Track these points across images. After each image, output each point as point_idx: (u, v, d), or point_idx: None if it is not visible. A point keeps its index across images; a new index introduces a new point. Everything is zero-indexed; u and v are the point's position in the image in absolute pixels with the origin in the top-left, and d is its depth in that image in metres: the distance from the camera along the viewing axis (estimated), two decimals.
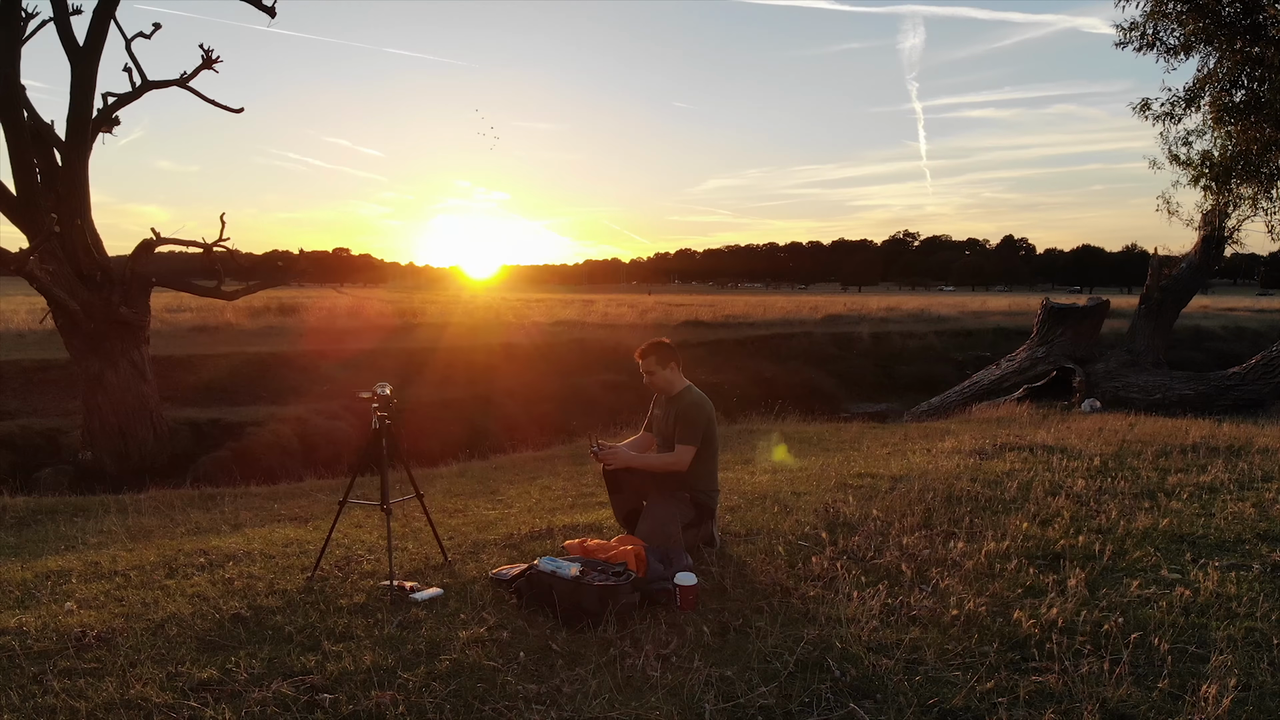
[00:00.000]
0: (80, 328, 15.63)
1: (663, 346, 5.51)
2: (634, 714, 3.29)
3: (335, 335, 26.63)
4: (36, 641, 4.09)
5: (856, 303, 54.96)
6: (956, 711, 3.24)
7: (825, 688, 3.47)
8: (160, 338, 24.88)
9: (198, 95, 18.28)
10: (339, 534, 6.11)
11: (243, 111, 19.59)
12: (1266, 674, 3.47)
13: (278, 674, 3.68)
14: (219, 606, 4.54)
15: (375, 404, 5.02)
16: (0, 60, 14.39)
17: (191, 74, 18.21)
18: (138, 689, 3.53)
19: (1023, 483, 7.05)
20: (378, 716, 3.31)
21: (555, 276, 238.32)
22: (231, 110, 19.25)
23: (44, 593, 4.94)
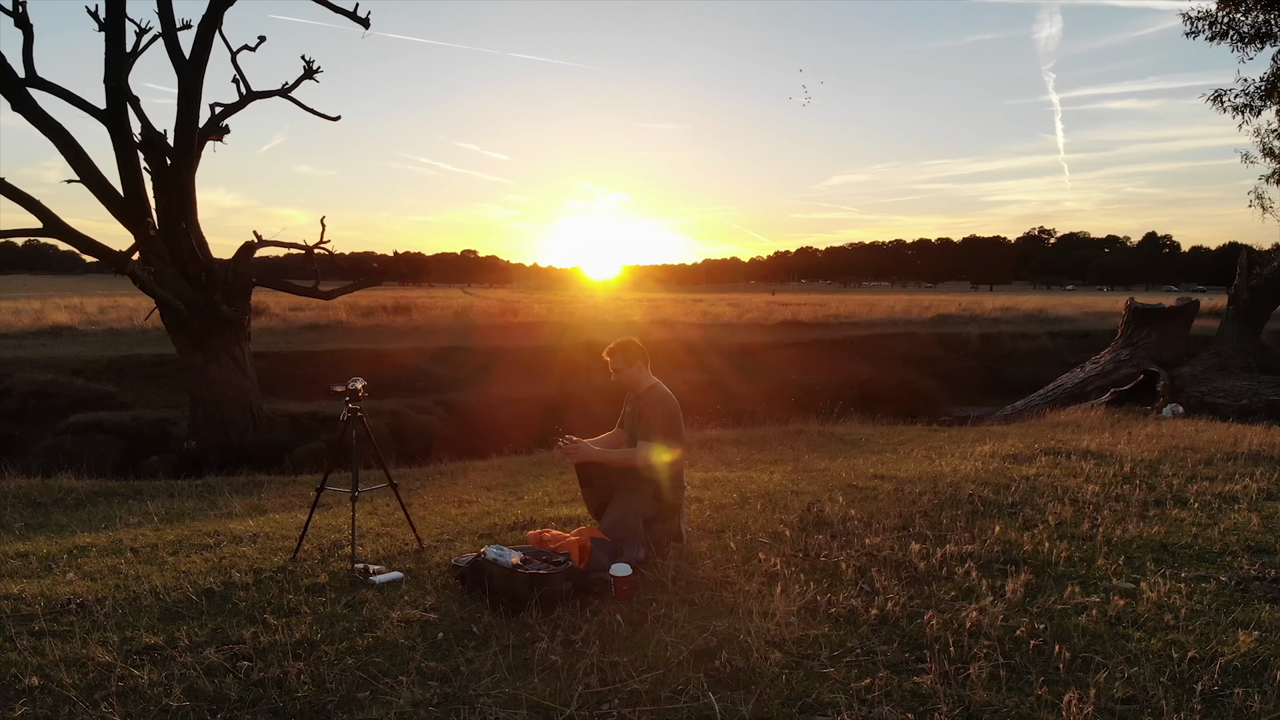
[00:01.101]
0: (185, 325, 16.69)
1: (629, 345, 5.64)
2: (512, 692, 3.46)
3: (436, 333, 27.55)
4: (28, 606, 4.55)
5: (973, 302, 53.40)
6: (819, 705, 3.29)
7: (702, 676, 3.57)
8: (275, 334, 26.35)
9: (298, 105, 19.30)
10: (339, 520, 6.47)
11: (340, 119, 20.51)
12: (1160, 688, 3.38)
13: (214, 643, 4.01)
14: (196, 581, 4.93)
15: (346, 397, 5.31)
16: (106, 73, 15.51)
17: (293, 84, 19.22)
18: (89, 650, 3.91)
19: (1033, 487, 6.89)
20: (281, 684, 3.58)
21: (674, 276, 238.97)
22: (329, 118, 20.20)
23: (59, 565, 5.45)
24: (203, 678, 3.62)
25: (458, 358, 23.88)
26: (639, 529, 5.26)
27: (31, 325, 26.53)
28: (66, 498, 8.39)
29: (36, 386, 18.73)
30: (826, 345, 30.49)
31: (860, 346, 30.98)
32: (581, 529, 5.36)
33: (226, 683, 3.59)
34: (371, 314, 32.53)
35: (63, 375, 19.42)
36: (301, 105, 19.35)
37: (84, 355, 21.22)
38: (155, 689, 3.53)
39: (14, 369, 19.41)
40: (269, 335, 25.92)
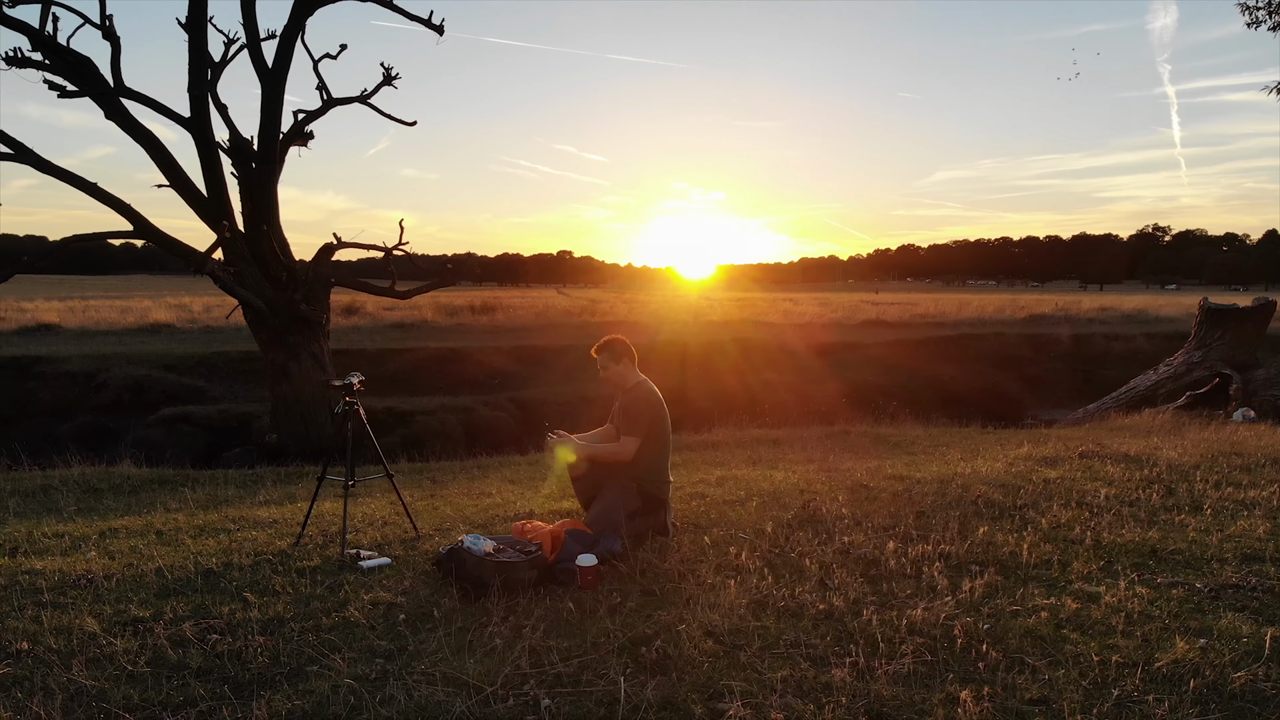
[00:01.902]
0: (266, 323, 17.45)
1: (615, 343, 5.78)
2: (446, 671, 3.65)
3: (515, 332, 28.10)
4: (44, 580, 4.95)
5: (1071, 302, 51.66)
6: (725, 692, 3.39)
7: (626, 661, 3.69)
8: (362, 333, 27.26)
9: (377, 110, 19.94)
10: (353, 508, 6.77)
11: (416, 124, 21.08)
12: (1075, 691, 3.36)
13: (194, 617, 4.31)
14: (200, 562, 5.28)
15: (343, 392, 5.59)
16: (190, 83, 16.33)
17: (372, 91, 19.88)
18: (80, 620, 4.26)
19: (1048, 490, 6.78)
20: (240, 656, 3.86)
21: (770, 275, 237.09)
22: (405, 123, 20.80)
23: (87, 544, 5.87)
24: (171, 648, 3.92)
25: (532, 356, 24.33)
26: (621, 522, 5.40)
27: (134, 323, 28.08)
28: (123, 484, 8.96)
29: (132, 381, 19.83)
30: (909, 345, 29.98)
31: (944, 347, 30.37)
32: (564, 521, 5.53)
33: (191, 653, 3.88)
34: (456, 313, 33.36)
35: (156, 370, 20.52)
36: (379, 111, 19.99)
37: (177, 352, 22.36)
38: (126, 656, 3.83)
39: (112, 364, 20.59)
40: (356, 334, 26.89)
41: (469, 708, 3.31)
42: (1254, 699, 3.25)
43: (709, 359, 26.25)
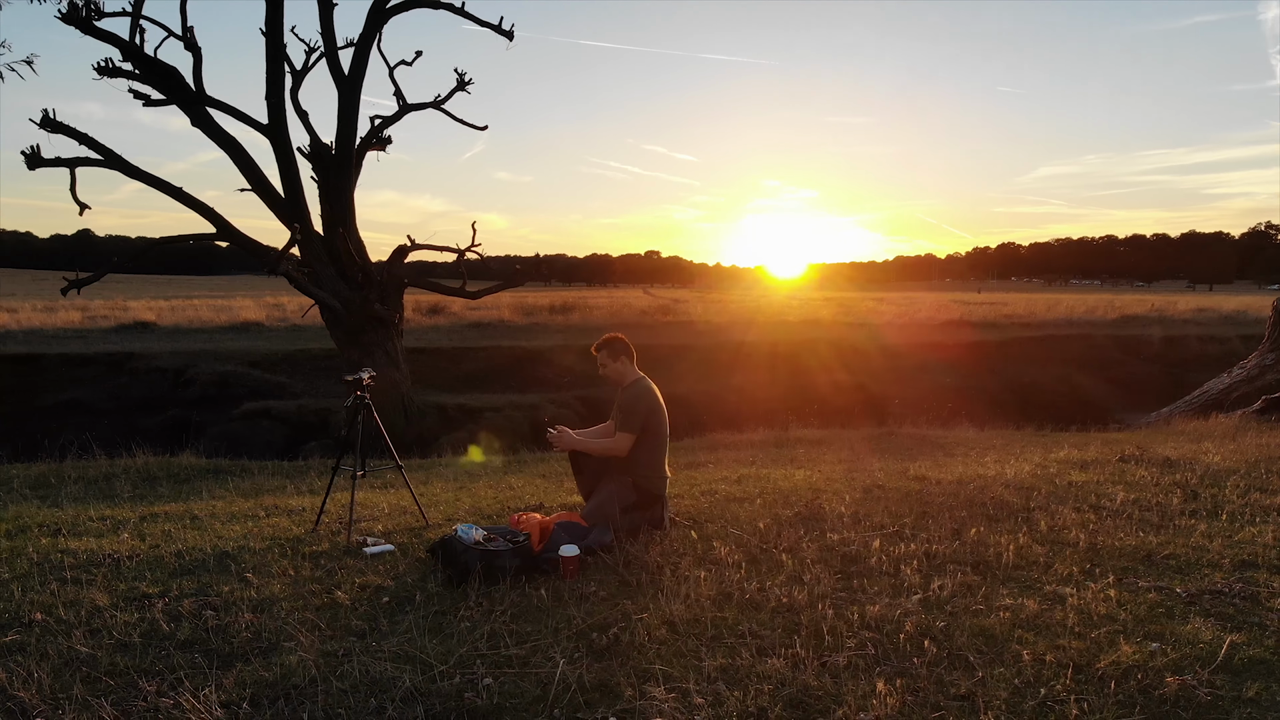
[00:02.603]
0: (342, 322, 18.10)
1: (614, 341, 5.95)
2: (408, 650, 3.86)
3: (588, 332, 28.43)
4: (74, 559, 5.35)
5: (1167, 303, 49.67)
6: (657, 676, 3.51)
7: (577, 646, 3.86)
8: (441, 332, 28.00)
9: (449, 115, 20.46)
10: (377, 497, 7.08)
11: (487, 129, 21.55)
12: (1003, 689, 3.39)
13: (196, 595, 4.63)
14: (218, 545, 5.62)
15: (355, 387, 5.87)
16: (268, 90, 17.03)
17: (446, 96, 20.42)
18: (93, 595, 4.61)
19: (1066, 492, 6.68)
20: (226, 631, 4.14)
21: (863, 274, 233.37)
22: (477, 128, 21.29)
23: (125, 527, 6.28)
24: (165, 622, 4.23)
25: None
26: (615, 516, 5.56)
27: (226, 321, 29.38)
28: (180, 473, 9.49)
29: (217, 377, 20.78)
30: (990, 346, 29.34)
31: (1029, 349, 29.62)
32: (561, 513, 5.72)
33: (182, 627, 4.18)
34: (533, 313, 33.93)
35: (241, 367, 21.46)
36: (451, 115, 20.53)
37: (263, 349, 23.32)
38: (123, 628, 4.15)
39: (200, 361, 21.60)
40: (435, 332, 27.64)
41: (416, 683, 3.51)
42: (1186, 704, 3.23)
43: (778, 359, 26.14)
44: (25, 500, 7.86)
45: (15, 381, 20.56)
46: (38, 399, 19.55)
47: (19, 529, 6.17)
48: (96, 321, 28.90)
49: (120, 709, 3.33)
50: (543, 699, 3.38)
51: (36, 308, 32.83)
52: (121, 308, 34.75)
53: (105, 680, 3.58)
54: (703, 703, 3.29)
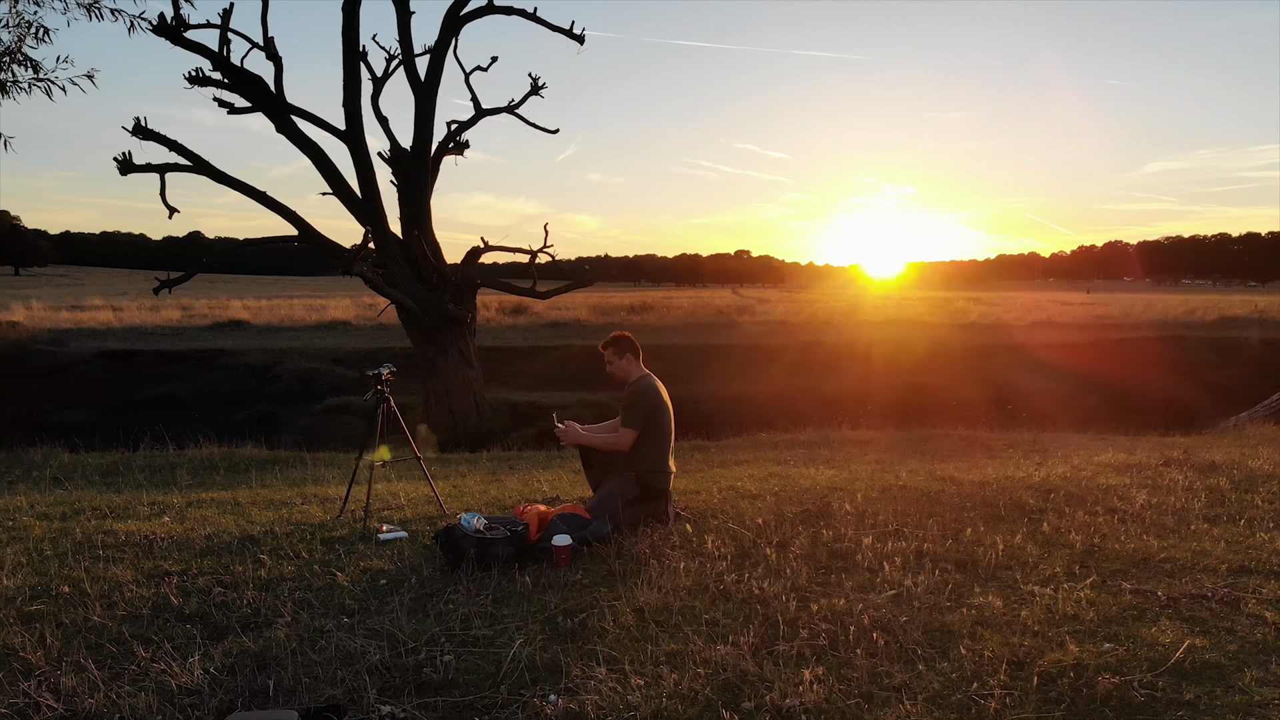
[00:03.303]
0: (417, 321, 18.69)
1: (620, 339, 6.13)
2: (385, 628, 4.12)
3: (663, 331, 28.65)
4: (113, 539, 5.78)
5: (1271, 304, 47.34)
6: (601, 657, 3.68)
7: (543, 629, 4.05)
8: (518, 331, 28.60)
9: (522, 120, 20.90)
10: (406, 487, 7.40)
11: (558, 132, 21.91)
12: (939, 682, 3.45)
13: (212, 574, 4.98)
14: (246, 529, 5.99)
15: (376, 381, 6.19)
16: (345, 98, 17.68)
17: (520, 101, 20.87)
18: (121, 571, 5.00)
19: (1085, 496, 6.60)
20: (228, 606, 4.47)
21: (962, 273, 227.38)
22: (548, 131, 21.66)
23: (170, 512, 6.72)
24: (177, 597, 4.58)
25: (671, 354, 24.79)
26: (618, 509, 5.74)
27: (315, 320, 30.54)
28: (240, 463, 10.03)
29: (302, 373, 21.65)
30: (1076, 349, 28.54)
31: (1116, 351, 28.72)
32: (566, 505, 5.92)
33: (190, 602, 4.52)
34: (610, 313, 34.33)
35: (325, 364, 22.31)
36: (524, 120, 20.96)
37: (346, 346, 24.19)
38: (137, 601, 4.52)
39: (286, 358, 22.54)
40: (513, 331, 28.27)
41: (383, 658, 3.75)
42: (1117, 703, 3.23)
43: (847, 358, 25.93)
44: (92, 486, 8.44)
45: (113, 376, 21.81)
46: (133, 393, 20.69)
47: (74, 511, 6.67)
48: (194, 320, 30.38)
49: (112, 671, 3.65)
50: (494, 676, 3.58)
51: (144, 306, 34.61)
52: (222, 306, 36.37)
53: (108, 647, 3.91)
54: (640, 683, 3.45)
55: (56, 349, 23.14)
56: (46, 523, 6.26)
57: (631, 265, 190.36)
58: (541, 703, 3.28)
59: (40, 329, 25.41)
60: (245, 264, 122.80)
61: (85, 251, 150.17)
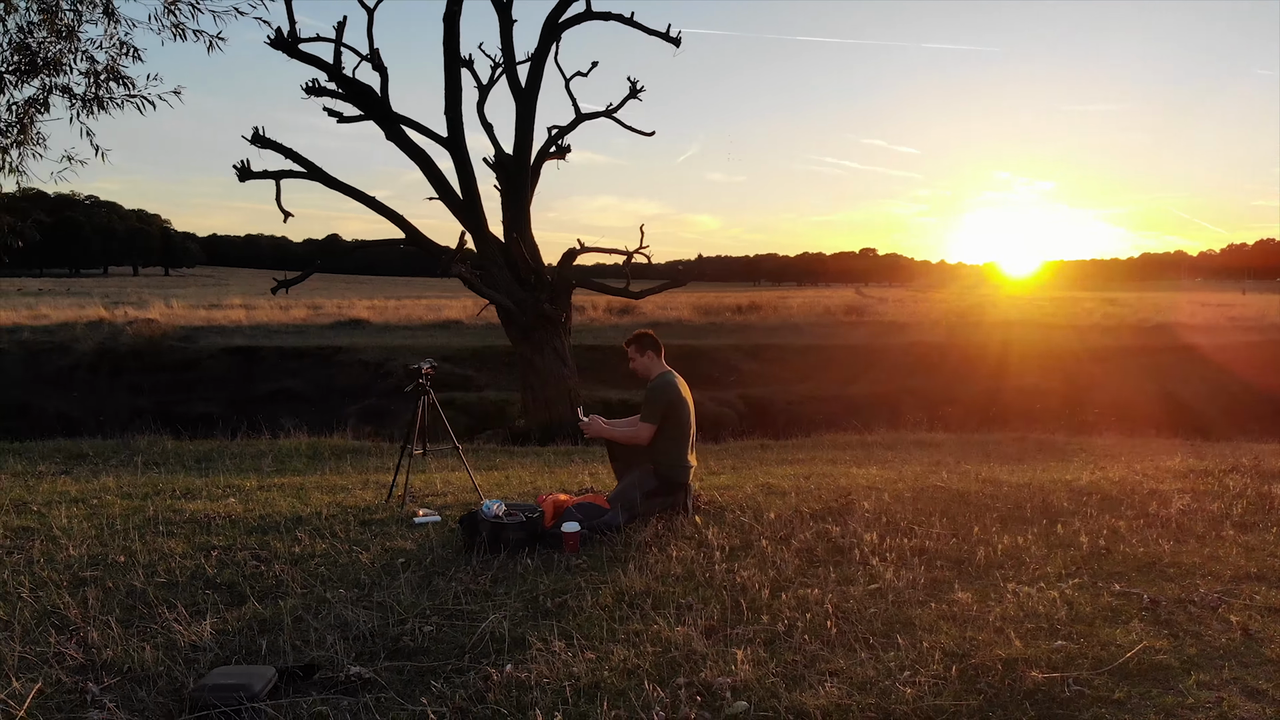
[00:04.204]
0: (515, 320, 19.29)
1: (643, 336, 6.36)
2: (385, 601, 4.47)
3: (765, 331, 28.62)
4: (179, 516, 6.34)
5: None
6: (571, 634, 3.92)
7: (525, 607, 4.34)
8: (619, 330, 28.99)
9: (620, 124, 21.25)
10: (454, 476, 7.80)
11: (654, 135, 22.18)
12: (874, 669, 3.56)
13: (252, 549, 5.44)
14: (295, 510, 6.47)
15: (419, 376, 6.60)
16: (446, 105, 18.38)
17: (618, 105, 21.23)
18: (173, 544, 5.53)
19: (1122, 500, 6.48)
20: (258, 577, 4.91)
21: (1103, 271, 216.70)
22: (643, 133, 21.95)
23: (238, 494, 7.28)
24: (212, 567, 5.05)
25: (772, 355, 24.81)
26: (636, 500, 5.97)
27: (431, 319, 31.80)
28: (324, 452, 10.68)
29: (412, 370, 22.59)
30: (1201, 351, 27.21)
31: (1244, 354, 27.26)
32: (587, 495, 6.19)
33: (224, 572, 4.98)
34: (715, 313, 34.47)
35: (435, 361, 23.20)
36: (621, 123, 21.30)
37: (455, 344, 25.11)
38: (177, 570, 5.01)
39: (398, 355, 23.56)
40: (615, 331, 28.72)
41: (372, 626, 4.10)
42: (1041, 698, 3.25)
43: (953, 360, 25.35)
44: (185, 470, 9.17)
45: (237, 372, 23.26)
46: (255, 388, 22.04)
47: (154, 492, 7.31)
48: (319, 319, 31.99)
49: (135, 629, 4.10)
50: (462, 646, 3.88)
51: (275, 306, 36.60)
52: (348, 306, 38.13)
53: (139, 608, 4.39)
54: (591, 657, 3.67)
55: (187, 345, 24.85)
56: (126, 501, 6.90)
57: (751, 265, 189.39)
58: (494, 670, 3.54)
59: (174, 326, 27.31)
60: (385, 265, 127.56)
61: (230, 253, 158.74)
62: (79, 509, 6.57)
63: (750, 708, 3.22)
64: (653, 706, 3.21)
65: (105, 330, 26.14)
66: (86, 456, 9.94)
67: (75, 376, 22.63)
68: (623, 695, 3.31)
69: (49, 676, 3.56)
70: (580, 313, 32.98)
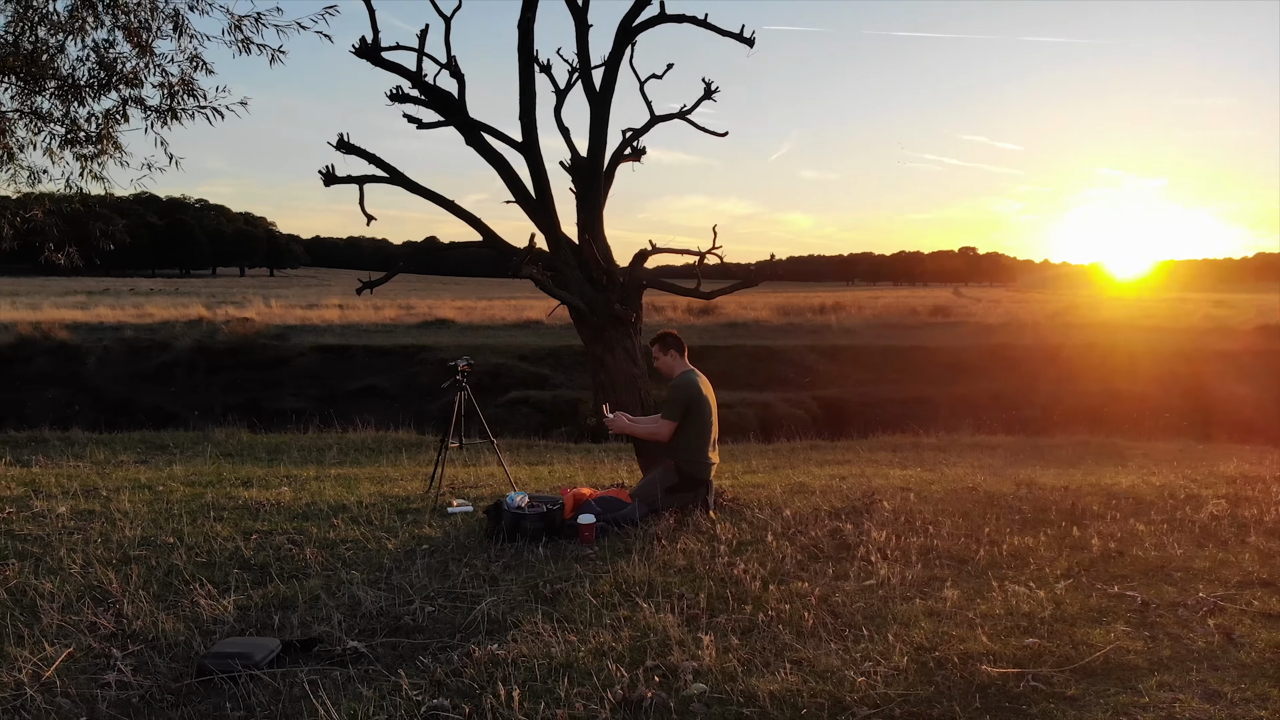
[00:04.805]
0: (586, 321, 19.62)
1: (666, 336, 6.55)
2: (401, 582, 4.75)
3: (848, 333, 28.40)
4: (233, 502, 6.76)
5: None
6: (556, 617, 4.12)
7: (524, 592, 4.56)
8: (695, 331, 29.18)
9: (693, 125, 21.35)
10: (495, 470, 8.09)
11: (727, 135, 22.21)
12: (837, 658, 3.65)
13: (290, 533, 5.79)
14: (339, 498, 6.84)
15: (452, 371, 6.89)
16: (521, 111, 18.75)
17: (692, 106, 21.32)
18: (220, 528, 5.92)
19: (1151, 504, 6.38)
20: (288, 558, 5.25)
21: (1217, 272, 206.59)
22: (717, 134, 21.96)
23: (292, 483, 7.70)
24: (247, 549, 5.41)
25: (849, 356, 24.63)
26: (656, 496, 6.15)
27: (514, 319, 32.50)
28: (386, 445, 11.15)
29: (491, 368, 23.18)
30: None
31: None
32: (612, 488, 6.38)
33: (260, 554, 5.33)
34: (795, 313, 34.30)
35: (512, 360, 23.80)
36: (695, 124, 21.37)
37: (533, 344, 25.65)
38: (218, 552, 5.38)
39: (479, 354, 24.13)
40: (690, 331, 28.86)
41: (379, 606, 4.38)
42: (994, 691, 3.29)
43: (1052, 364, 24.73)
44: (256, 461, 9.70)
45: (327, 369, 24.21)
46: (343, 384, 22.89)
47: (217, 479, 7.79)
48: (408, 318, 33.03)
49: (166, 602, 4.47)
50: (457, 625, 4.12)
51: (369, 306, 37.78)
52: (437, 306, 39.18)
53: (174, 583, 4.76)
54: (575, 640, 3.87)
55: (279, 343, 25.99)
56: (189, 488, 7.38)
57: (845, 264, 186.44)
58: (476, 647, 3.77)
59: (268, 325, 28.55)
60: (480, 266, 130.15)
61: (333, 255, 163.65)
62: (144, 494, 7.05)
63: (707, 690, 3.37)
64: (613, 685, 3.38)
65: (203, 328, 27.53)
66: (167, 447, 10.60)
67: (174, 372, 23.92)
68: (589, 675, 3.49)
69: (80, 643, 3.92)
70: (659, 313, 33.21)
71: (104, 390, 22.04)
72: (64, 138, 8.83)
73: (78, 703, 3.38)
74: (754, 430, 19.65)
